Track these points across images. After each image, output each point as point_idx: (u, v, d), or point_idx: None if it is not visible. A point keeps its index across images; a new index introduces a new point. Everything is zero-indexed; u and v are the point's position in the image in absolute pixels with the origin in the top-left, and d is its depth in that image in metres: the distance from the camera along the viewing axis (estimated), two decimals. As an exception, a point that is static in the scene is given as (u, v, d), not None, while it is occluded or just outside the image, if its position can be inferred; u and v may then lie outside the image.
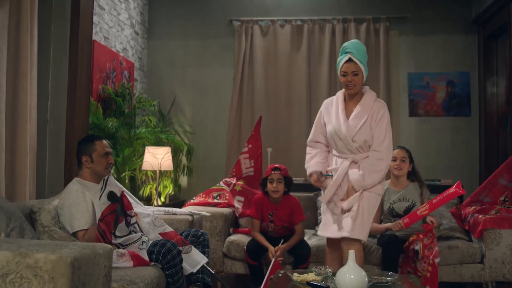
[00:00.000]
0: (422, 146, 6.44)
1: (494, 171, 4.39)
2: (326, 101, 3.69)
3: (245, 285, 4.17)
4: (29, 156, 3.59)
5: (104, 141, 3.28)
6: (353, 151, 3.42)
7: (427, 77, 6.52)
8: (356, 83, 3.45)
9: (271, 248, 3.91)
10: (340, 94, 3.62)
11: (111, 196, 3.07)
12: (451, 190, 3.76)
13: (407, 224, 3.82)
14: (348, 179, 3.40)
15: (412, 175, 4.20)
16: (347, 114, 3.49)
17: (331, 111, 3.55)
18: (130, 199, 3.33)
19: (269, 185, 4.05)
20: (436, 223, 3.90)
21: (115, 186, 3.16)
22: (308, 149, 3.68)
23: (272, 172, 4.04)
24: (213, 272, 3.62)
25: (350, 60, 3.42)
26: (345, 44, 3.51)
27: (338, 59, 3.53)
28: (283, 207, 4.07)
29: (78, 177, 3.23)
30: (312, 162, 3.55)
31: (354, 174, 3.36)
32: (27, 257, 1.95)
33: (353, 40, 3.57)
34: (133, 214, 3.20)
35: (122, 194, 3.15)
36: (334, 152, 3.54)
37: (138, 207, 3.49)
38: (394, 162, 4.11)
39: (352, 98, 3.54)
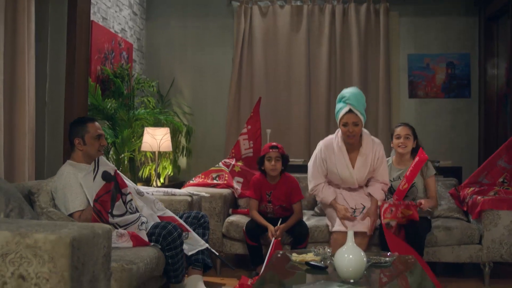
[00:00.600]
0: (422, 127, 6.40)
1: (493, 152, 4.39)
2: (325, 144, 3.94)
3: (244, 265, 4.19)
4: (28, 137, 3.59)
5: (97, 123, 3.26)
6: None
7: (427, 59, 6.49)
8: (356, 133, 3.73)
9: (271, 227, 3.91)
10: (340, 140, 3.87)
11: (106, 175, 3.06)
12: (417, 158, 3.88)
13: (398, 200, 3.83)
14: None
15: (415, 152, 4.10)
16: (351, 161, 3.86)
17: (333, 158, 3.86)
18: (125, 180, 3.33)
19: (267, 163, 4.04)
20: (425, 207, 3.84)
21: (107, 165, 3.15)
22: (313, 187, 4.00)
23: (270, 150, 4.04)
24: (217, 254, 3.64)
25: (350, 111, 3.66)
26: (345, 93, 3.73)
27: (337, 107, 3.76)
28: (281, 187, 4.07)
29: (71, 159, 3.22)
30: (325, 192, 3.93)
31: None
32: (26, 237, 1.95)
33: (352, 90, 3.78)
34: (128, 192, 3.19)
35: (116, 173, 3.14)
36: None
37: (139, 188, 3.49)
38: (398, 140, 4.05)
39: (351, 146, 3.84)
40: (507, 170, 4.25)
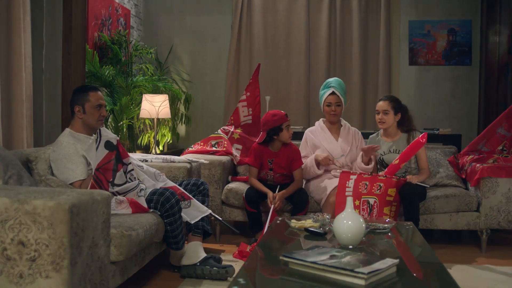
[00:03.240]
0: (422, 95, 6.41)
1: (493, 120, 4.38)
2: (310, 129, 4.35)
3: (243, 232, 4.22)
4: (25, 105, 3.57)
5: (99, 93, 3.20)
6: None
7: (428, 25, 6.42)
8: (338, 113, 4.19)
9: (270, 193, 3.91)
10: (322, 124, 4.30)
11: (108, 145, 3.05)
12: (416, 141, 3.79)
13: (387, 173, 3.81)
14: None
15: (402, 125, 4.08)
16: (334, 138, 4.24)
17: (318, 136, 4.24)
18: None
19: (285, 132, 3.97)
20: (414, 181, 3.80)
21: (109, 134, 3.14)
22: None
23: (288, 119, 3.99)
24: (220, 219, 3.65)
25: (333, 93, 4.14)
26: (329, 80, 4.24)
27: (321, 93, 4.22)
28: (282, 154, 4.05)
29: (70, 126, 3.17)
30: (309, 160, 4.15)
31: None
32: (25, 203, 1.95)
33: (335, 78, 4.28)
34: (129, 161, 3.19)
35: (118, 142, 3.13)
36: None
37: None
38: (377, 115, 4.06)
39: (332, 127, 4.27)
40: (506, 138, 4.25)
